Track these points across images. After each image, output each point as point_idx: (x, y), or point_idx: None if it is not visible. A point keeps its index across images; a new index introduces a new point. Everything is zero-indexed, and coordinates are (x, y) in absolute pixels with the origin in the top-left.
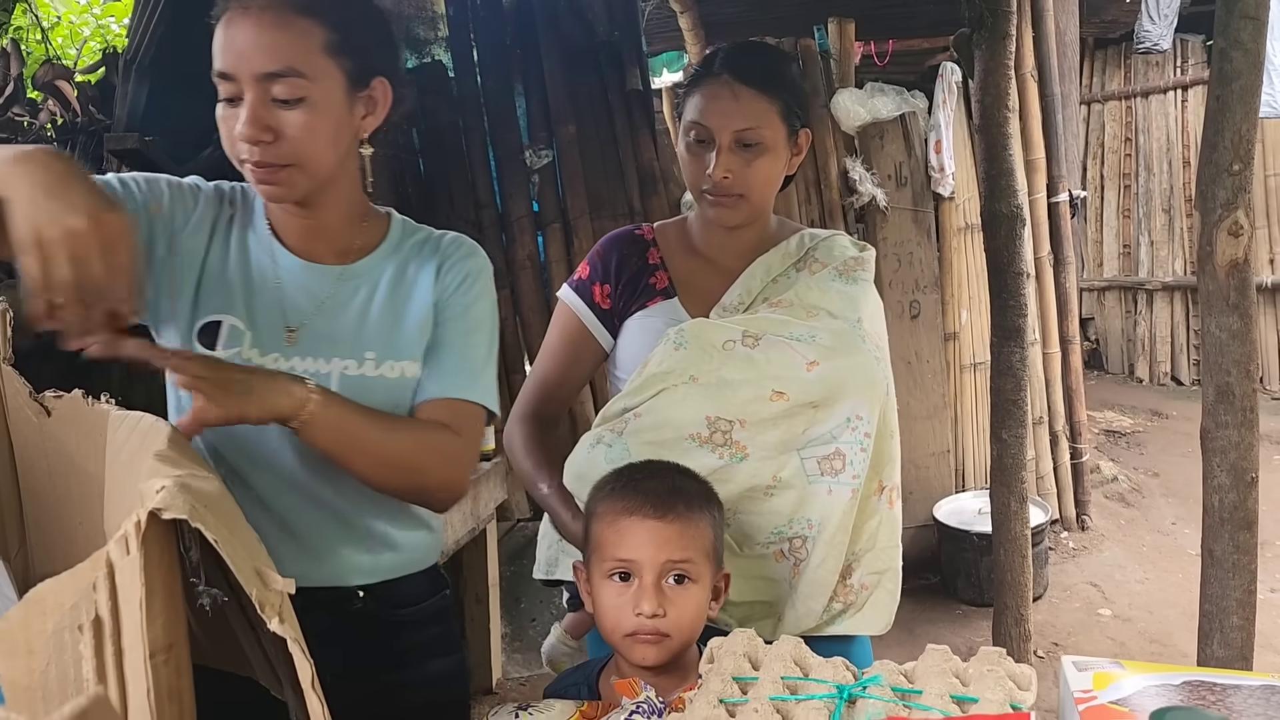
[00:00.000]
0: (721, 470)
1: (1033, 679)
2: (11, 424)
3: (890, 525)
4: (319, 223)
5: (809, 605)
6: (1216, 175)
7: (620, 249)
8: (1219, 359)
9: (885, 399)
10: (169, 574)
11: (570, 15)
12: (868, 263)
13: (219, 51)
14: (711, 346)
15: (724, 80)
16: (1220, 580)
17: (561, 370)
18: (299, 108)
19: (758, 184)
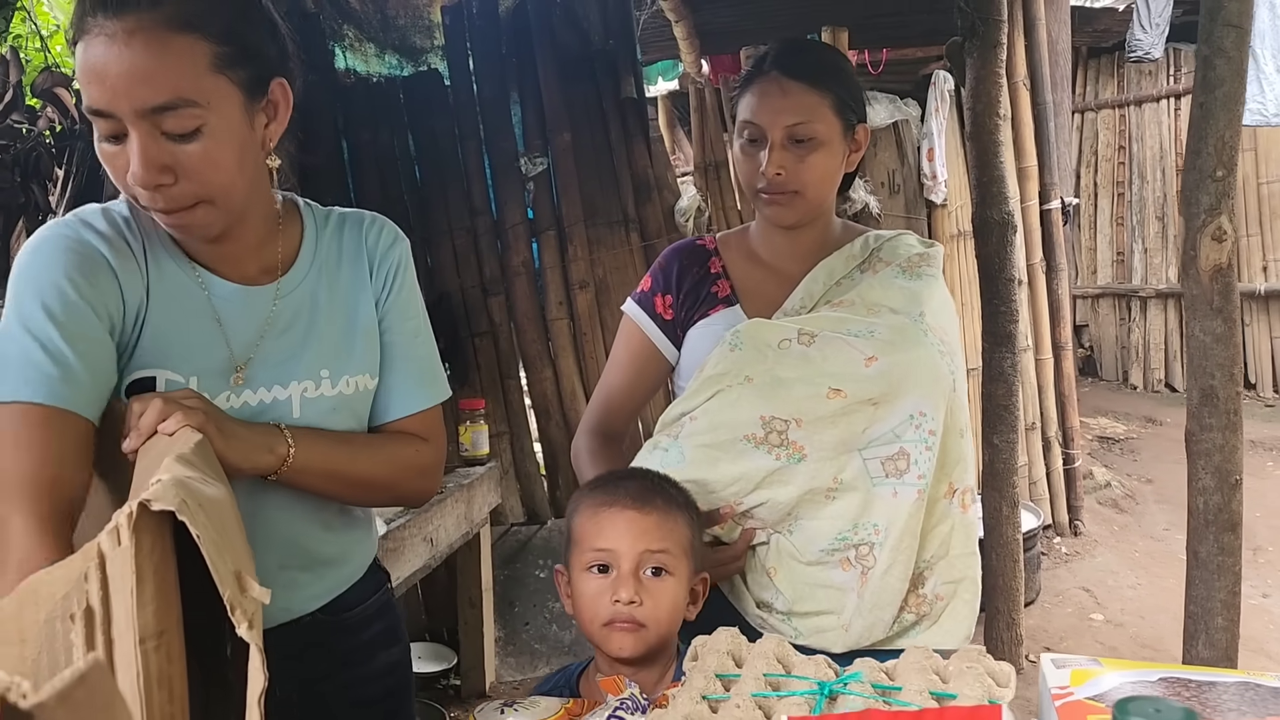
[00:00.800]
0: (779, 472)
1: (1011, 676)
2: None
3: (964, 531)
4: (240, 246)
5: (878, 615)
6: (1200, 181)
7: (681, 259)
8: (1203, 362)
9: (952, 395)
10: (161, 564)
11: (565, 24)
12: (933, 258)
13: (86, 82)
14: (766, 346)
15: (773, 77)
16: (1205, 582)
17: (627, 384)
18: (196, 139)
19: (813, 180)
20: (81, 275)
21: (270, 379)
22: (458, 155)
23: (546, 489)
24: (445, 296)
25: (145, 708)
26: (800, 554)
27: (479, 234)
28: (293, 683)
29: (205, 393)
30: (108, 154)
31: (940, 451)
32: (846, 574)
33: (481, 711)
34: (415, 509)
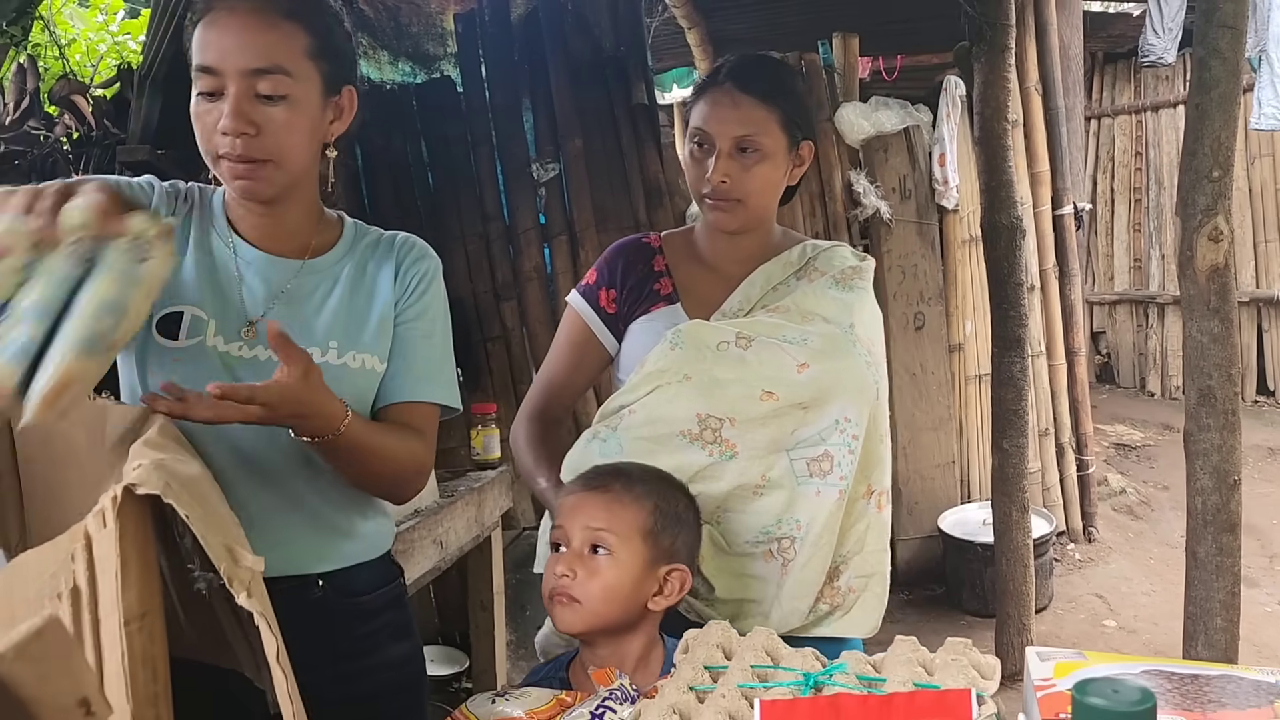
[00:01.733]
0: (711, 468)
1: (996, 669)
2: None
3: (879, 529)
4: (282, 220)
5: (794, 605)
6: (1197, 182)
7: (626, 256)
8: (1200, 363)
9: (875, 403)
10: (144, 547)
11: (577, 31)
12: (865, 272)
13: (202, 47)
14: (706, 347)
15: (726, 89)
16: (1204, 582)
17: (567, 372)
18: (281, 104)
19: (755, 189)
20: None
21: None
22: (470, 161)
23: None
24: (458, 302)
25: (130, 686)
26: (727, 545)
27: (491, 239)
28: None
29: (224, 335)
30: (201, 110)
31: (862, 455)
32: (768, 565)
33: (474, 701)
34: (425, 512)
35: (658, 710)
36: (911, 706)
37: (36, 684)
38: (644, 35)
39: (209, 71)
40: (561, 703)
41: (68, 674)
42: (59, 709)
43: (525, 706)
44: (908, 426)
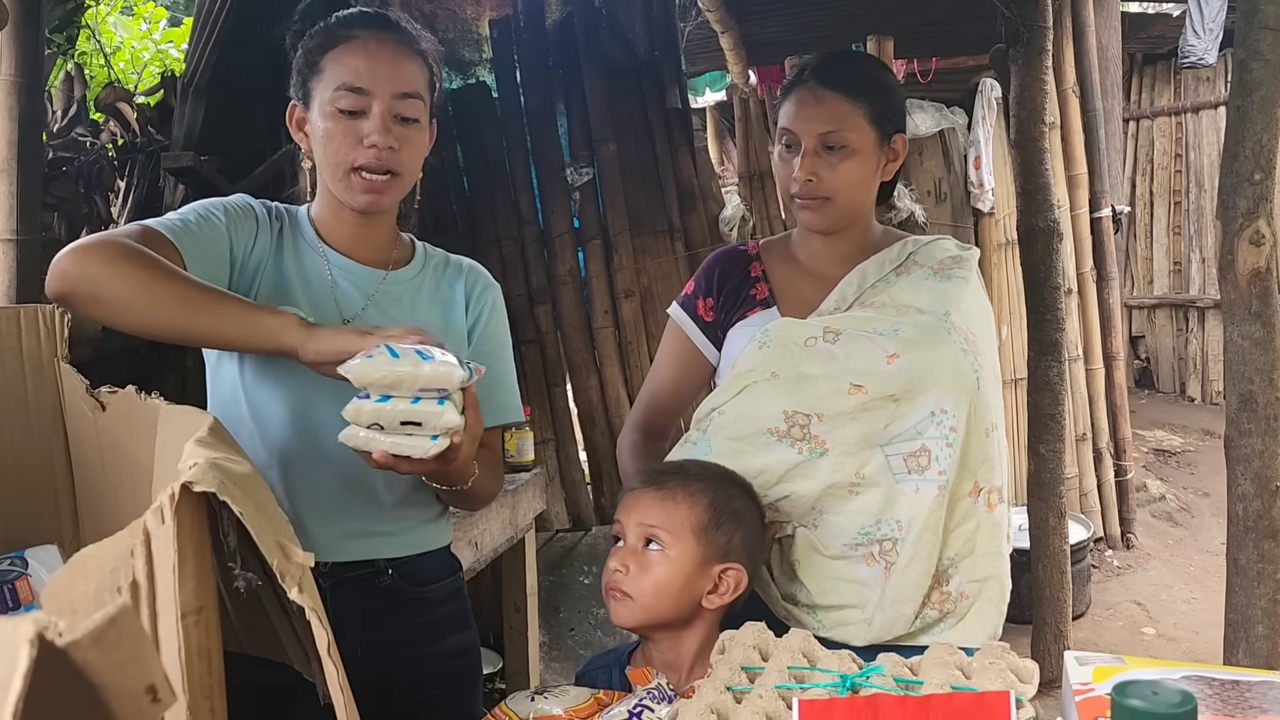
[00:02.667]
0: (802, 466)
1: (1034, 673)
2: (68, 418)
3: (991, 530)
4: (372, 233)
5: (900, 610)
6: (1238, 185)
7: (723, 264)
8: (1241, 367)
9: (977, 394)
10: (200, 543)
11: (611, 36)
12: (966, 261)
13: (348, 70)
14: (793, 344)
15: (809, 86)
16: (1245, 589)
17: (670, 383)
18: (413, 126)
19: (843, 187)
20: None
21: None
22: (505, 166)
23: (591, 496)
24: None
25: (186, 678)
26: (824, 548)
27: (526, 243)
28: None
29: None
30: (340, 126)
31: (963, 449)
32: (870, 569)
33: (513, 699)
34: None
35: (695, 710)
36: (949, 708)
37: (109, 671)
38: (677, 40)
39: (358, 91)
40: (599, 701)
41: (138, 661)
42: (128, 695)
43: (564, 705)
44: None
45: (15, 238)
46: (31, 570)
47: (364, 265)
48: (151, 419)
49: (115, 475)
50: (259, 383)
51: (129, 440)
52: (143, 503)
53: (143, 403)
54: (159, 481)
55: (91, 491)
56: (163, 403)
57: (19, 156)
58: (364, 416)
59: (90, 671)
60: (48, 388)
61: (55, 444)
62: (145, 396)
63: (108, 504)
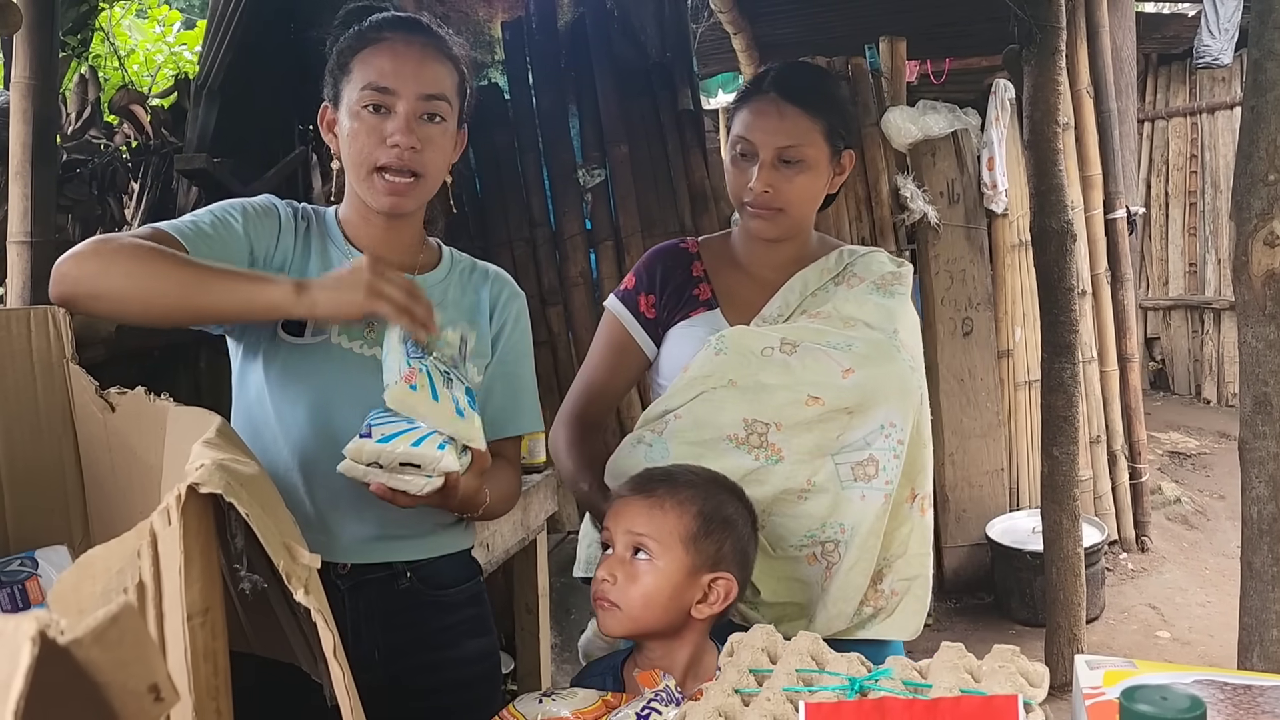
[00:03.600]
0: (757, 472)
1: (1045, 677)
2: (78, 419)
3: (921, 532)
4: (399, 235)
5: (840, 608)
6: (1252, 185)
7: (665, 261)
8: (1255, 369)
9: (919, 408)
10: (206, 545)
11: (623, 37)
12: (904, 277)
13: (376, 70)
14: (750, 353)
15: (771, 98)
16: (1260, 593)
17: (606, 376)
18: (438, 127)
19: (797, 199)
20: (254, 210)
21: None
22: (517, 167)
23: None
24: None
25: (192, 679)
26: (772, 549)
27: (538, 244)
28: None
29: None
30: (364, 125)
31: (906, 459)
32: (812, 568)
33: (521, 701)
34: None
35: (702, 712)
36: (957, 712)
37: (111, 669)
38: (689, 41)
39: (384, 90)
40: (607, 703)
41: (141, 660)
42: (131, 694)
43: (572, 707)
44: (956, 433)
45: (29, 240)
46: (41, 570)
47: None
48: (161, 420)
49: (125, 476)
50: (283, 387)
51: (138, 441)
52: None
53: (152, 404)
54: (168, 482)
55: (101, 492)
56: (172, 404)
57: (33, 159)
58: (365, 455)
59: (93, 670)
60: (57, 389)
61: (65, 445)
62: (154, 398)
63: (117, 505)
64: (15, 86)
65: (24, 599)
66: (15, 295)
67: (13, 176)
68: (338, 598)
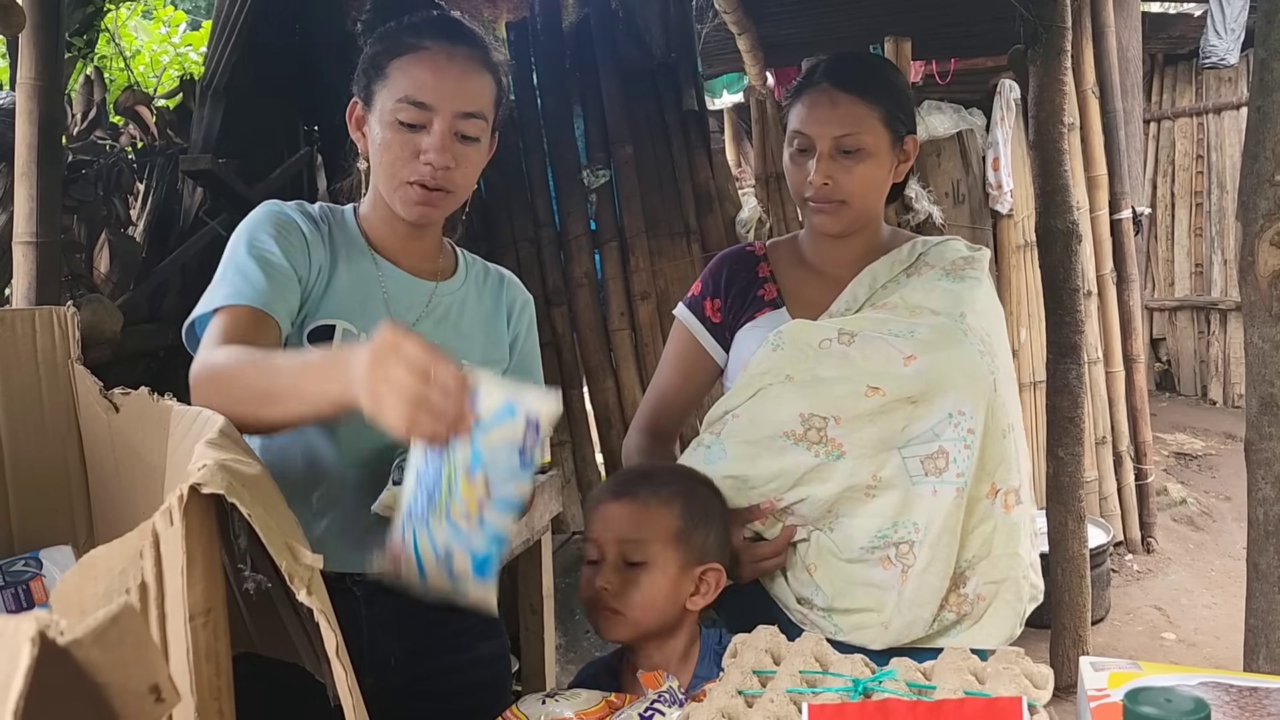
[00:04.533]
0: (819, 469)
1: (1049, 678)
2: (82, 420)
3: (1008, 531)
4: (422, 243)
5: (918, 613)
6: (1258, 185)
7: (730, 265)
8: (1262, 370)
9: (994, 395)
10: (209, 545)
11: (628, 38)
12: (978, 261)
13: (413, 82)
14: (808, 346)
15: (823, 88)
16: (1265, 595)
17: (676, 384)
18: (472, 145)
19: (859, 190)
20: (280, 233)
21: None
22: (521, 168)
23: None
24: None
25: (194, 680)
26: (840, 551)
27: (542, 245)
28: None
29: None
30: (399, 138)
31: (981, 451)
32: (886, 572)
33: (524, 702)
34: None
35: (706, 713)
36: (960, 713)
37: (112, 669)
38: (694, 42)
39: (420, 106)
40: (610, 704)
41: (141, 660)
42: (131, 694)
43: (575, 708)
44: None
45: (35, 240)
46: (46, 571)
47: (414, 276)
48: (164, 420)
49: (129, 476)
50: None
51: (142, 441)
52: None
53: (155, 404)
54: (171, 483)
55: (105, 492)
56: (175, 404)
57: (39, 160)
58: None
59: (93, 670)
60: (62, 389)
61: (69, 445)
62: (158, 398)
63: (121, 505)
64: (21, 87)
65: (28, 599)
66: (20, 295)
67: (18, 177)
68: (354, 604)
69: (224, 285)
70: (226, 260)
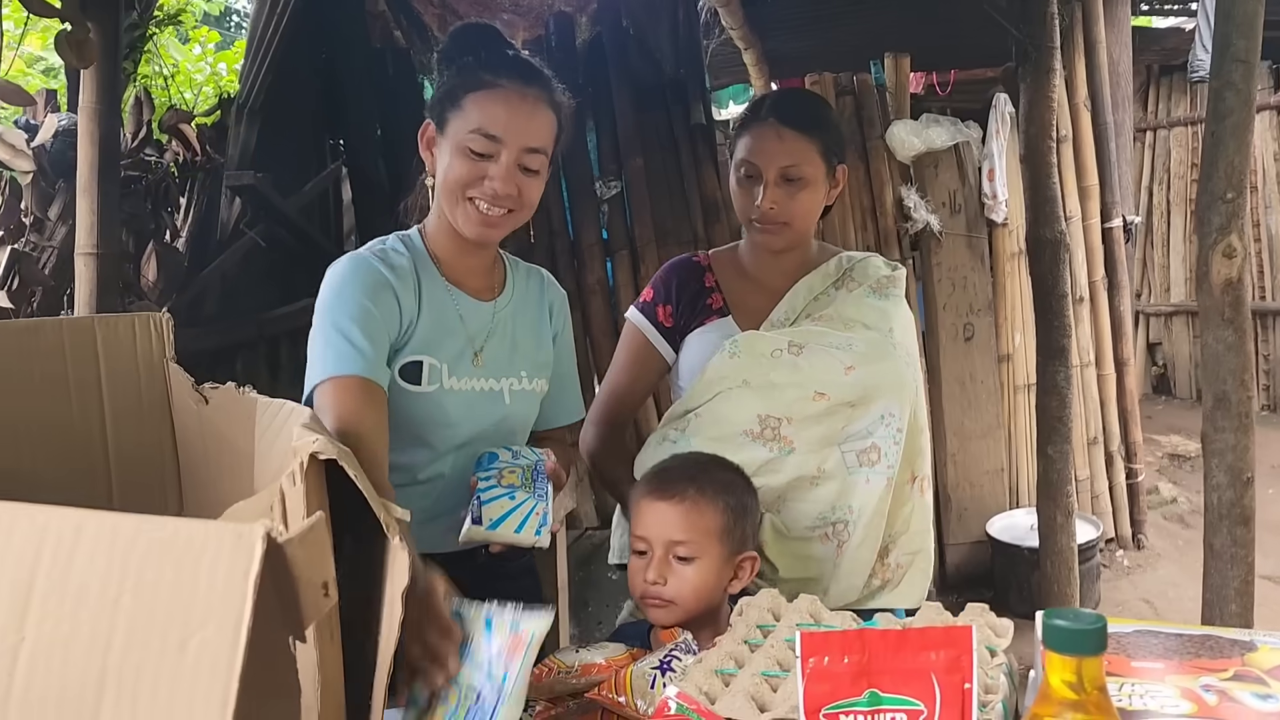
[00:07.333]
0: (771, 462)
1: (1009, 628)
2: (175, 411)
3: (922, 511)
4: (483, 259)
5: (851, 581)
6: (1212, 203)
7: (680, 274)
8: (1216, 369)
9: (915, 399)
10: (321, 501)
11: (638, 55)
12: (899, 280)
13: (487, 115)
14: (761, 355)
15: (770, 123)
16: (1220, 571)
17: (629, 381)
18: (533, 176)
19: (799, 213)
20: (374, 295)
21: (492, 372)
22: None
23: None
24: None
25: None
26: (788, 530)
27: (557, 254)
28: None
29: (454, 374)
30: (467, 164)
31: (905, 445)
32: (825, 546)
33: (560, 652)
34: None
35: (716, 656)
36: (923, 639)
37: (304, 565)
38: (702, 57)
39: (491, 138)
40: (633, 655)
41: (323, 560)
42: (312, 586)
43: (605, 655)
44: (957, 434)
45: (96, 251)
46: None
47: (478, 300)
48: (250, 410)
49: (216, 459)
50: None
51: (228, 429)
52: (241, 482)
53: (242, 397)
54: (260, 463)
55: (193, 473)
56: (260, 396)
57: (99, 178)
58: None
59: (293, 564)
60: (158, 384)
61: (164, 432)
62: (242, 391)
63: (208, 484)
64: (83, 111)
65: None
66: (82, 303)
67: (80, 194)
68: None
69: (330, 350)
70: (326, 323)
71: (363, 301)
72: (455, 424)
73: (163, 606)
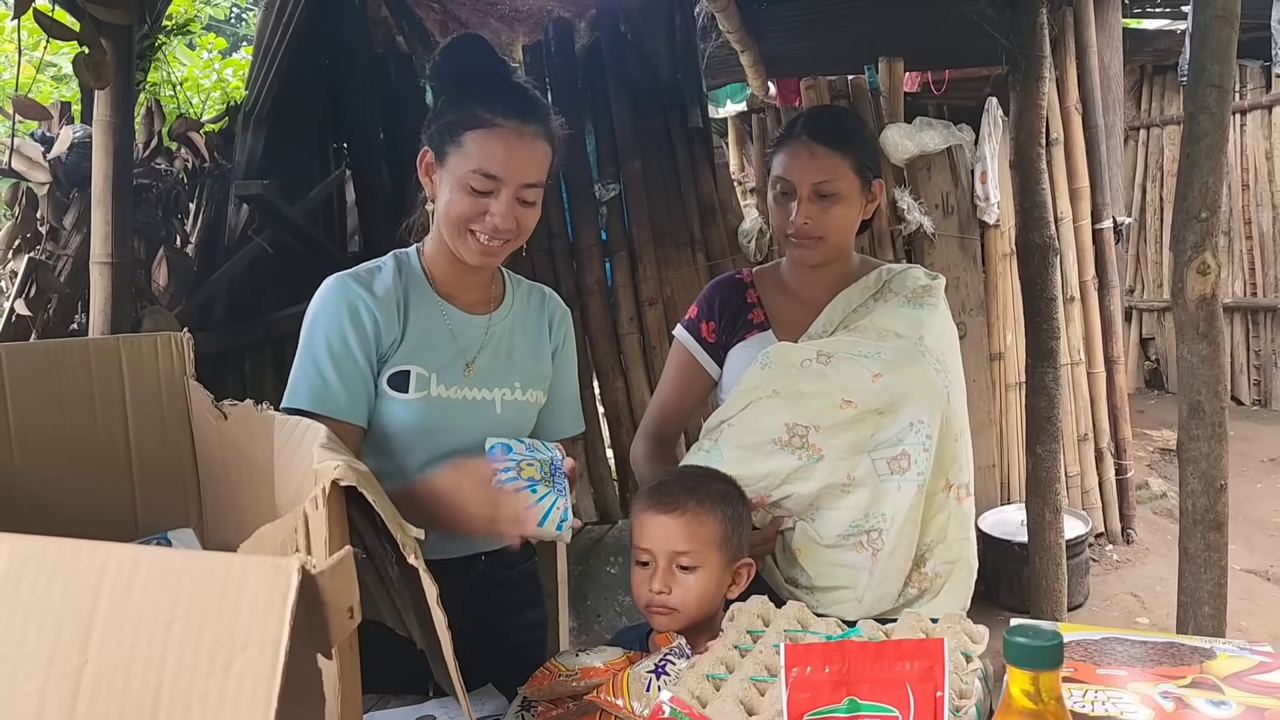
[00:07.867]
0: (801, 470)
1: (985, 635)
2: (195, 425)
3: (960, 520)
4: (480, 279)
5: (885, 589)
6: (1187, 221)
7: (723, 291)
8: (1191, 380)
9: (947, 405)
10: (342, 525)
11: (636, 59)
12: (936, 289)
13: (487, 156)
14: (791, 365)
15: (803, 140)
16: (1194, 575)
17: (677, 396)
18: (532, 208)
19: (834, 228)
20: (355, 326)
21: (483, 383)
22: None
23: (617, 491)
24: None
25: None
26: (821, 538)
27: (556, 255)
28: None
29: (443, 383)
30: (468, 200)
31: (937, 453)
32: (859, 555)
33: (560, 656)
34: None
35: (708, 661)
36: (899, 650)
37: (332, 592)
38: (699, 62)
39: (491, 177)
40: (630, 659)
41: (350, 588)
42: (339, 610)
43: (603, 659)
44: None
45: (110, 260)
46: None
47: (472, 314)
48: (268, 427)
49: (234, 473)
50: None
51: (247, 444)
52: (260, 494)
53: (260, 414)
54: (280, 479)
55: (213, 486)
56: (276, 413)
57: (113, 189)
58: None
59: (324, 593)
60: (179, 400)
61: (184, 446)
62: (260, 408)
63: (227, 497)
64: (98, 124)
65: None
66: (98, 312)
67: (95, 204)
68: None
69: (305, 381)
70: (306, 349)
71: (338, 331)
72: (445, 430)
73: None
